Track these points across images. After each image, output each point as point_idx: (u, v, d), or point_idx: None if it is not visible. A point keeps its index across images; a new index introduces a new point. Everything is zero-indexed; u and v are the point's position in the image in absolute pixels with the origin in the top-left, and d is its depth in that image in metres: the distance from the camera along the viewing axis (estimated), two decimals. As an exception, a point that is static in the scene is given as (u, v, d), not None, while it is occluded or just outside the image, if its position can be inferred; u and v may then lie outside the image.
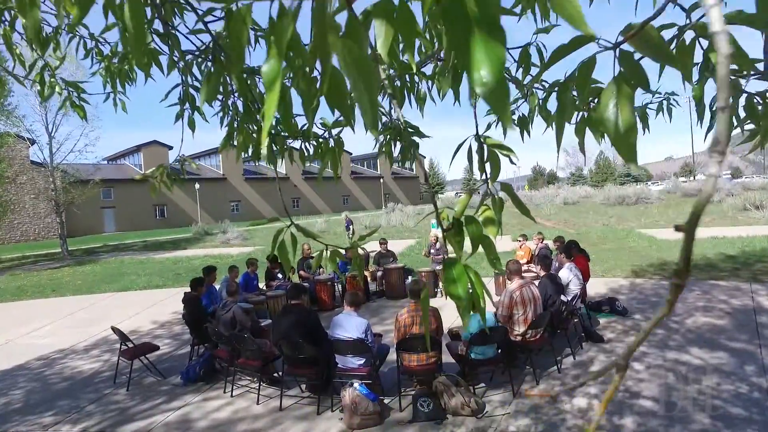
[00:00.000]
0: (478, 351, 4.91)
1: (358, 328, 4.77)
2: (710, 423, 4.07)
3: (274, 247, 1.30)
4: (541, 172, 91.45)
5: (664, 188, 38.84)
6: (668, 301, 0.53)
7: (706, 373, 5.05)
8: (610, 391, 0.55)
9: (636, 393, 4.71)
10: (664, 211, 25.17)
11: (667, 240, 15.24)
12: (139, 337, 8.27)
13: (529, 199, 37.38)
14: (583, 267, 7.01)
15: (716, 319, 6.95)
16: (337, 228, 28.47)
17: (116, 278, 15.54)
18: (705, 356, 5.54)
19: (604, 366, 5.68)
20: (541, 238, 9.37)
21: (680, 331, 6.54)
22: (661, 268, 11.03)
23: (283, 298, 8.52)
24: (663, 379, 4.99)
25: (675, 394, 4.61)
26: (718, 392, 4.59)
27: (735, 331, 6.32)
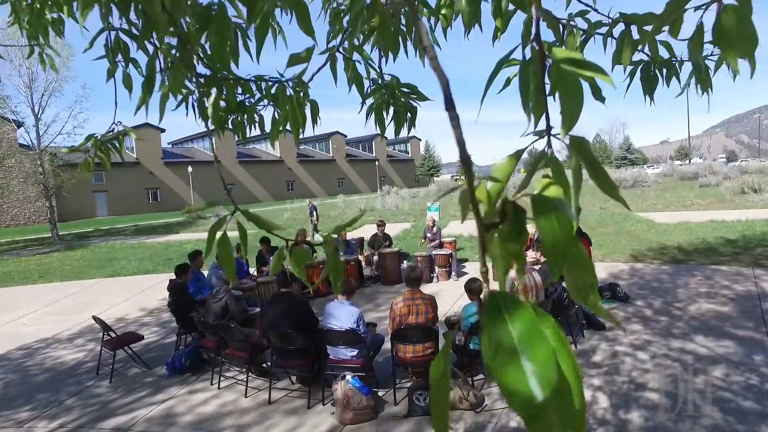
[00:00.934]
0: (477, 341, 4.66)
1: (350, 317, 4.52)
2: (721, 417, 3.87)
3: (209, 246, 1.00)
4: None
5: (661, 171, 38.72)
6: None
7: (713, 363, 4.84)
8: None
9: (642, 385, 4.50)
10: (662, 194, 24.98)
11: (666, 224, 15.04)
12: (126, 325, 8.04)
13: (525, 183, 37.18)
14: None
15: (720, 305, 6.76)
16: (331, 211, 28.17)
17: (106, 263, 15.23)
18: (711, 345, 5.33)
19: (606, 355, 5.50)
20: (540, 222, 9.11)
21: (684, 318, 6.34)
22: (660, 252, 10.83)
23: (275, 284, 8.26)
24: (669, 369, 4.78)
25: (682, 386, 4.40)
26: (727, 384, 4.38)
27: (740, 319, 6.12)
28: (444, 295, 8.62)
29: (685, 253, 10.62)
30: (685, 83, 1.86)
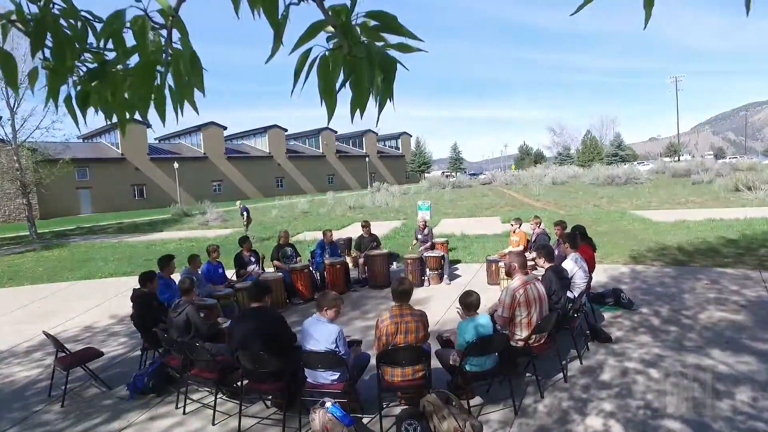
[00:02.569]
0: (476, 363, 4.14)
1: (328, 337, 3.96)
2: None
3: None
4: (528, 151, 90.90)
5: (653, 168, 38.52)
6: None
7: (736, 383, 4.36)
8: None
9: (659, 412, 3.99)
10: (655, 191, 24.67)
11: (664, 222, 14.64)
12: (93, 335, 7.45)
13: (516, 179, 36.80)
14: (588, 257, 6.27)
15: (732, 313, 6.29)
16: (320, 209, 27.55)
17: (82, 264, 14.52)
18: (730, 361, 4.85)
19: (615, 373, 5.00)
20: (538, 222, 8.61)
21: (695, 328, 5.86)
22: (661, 254, 10.40)
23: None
24: (688, 391, 4.28)
25: (706, 413, 3.90)
26: (757, 410, 3.89)
27: (757, 329, 5.65)
28: (436, 300, 8.10)
29: (687, 254, 10.19)
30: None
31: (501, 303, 4.57)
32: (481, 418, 4.12)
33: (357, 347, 4.58)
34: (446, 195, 29.36)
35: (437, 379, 4.54)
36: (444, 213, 22.49)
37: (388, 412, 4.33)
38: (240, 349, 4.08)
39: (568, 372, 4.87)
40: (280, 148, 60.94)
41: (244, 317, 4.18)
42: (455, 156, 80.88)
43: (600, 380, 4.68)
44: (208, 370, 4.49)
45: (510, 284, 4.61)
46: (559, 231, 7.68)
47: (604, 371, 4.88)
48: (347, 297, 8.71)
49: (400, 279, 4.13)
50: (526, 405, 4.30)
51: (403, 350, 3.92)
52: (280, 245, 9.05)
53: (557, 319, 4.71)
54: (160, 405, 4.81)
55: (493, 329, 4.29)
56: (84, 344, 7.02)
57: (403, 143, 78.96)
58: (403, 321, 3.96)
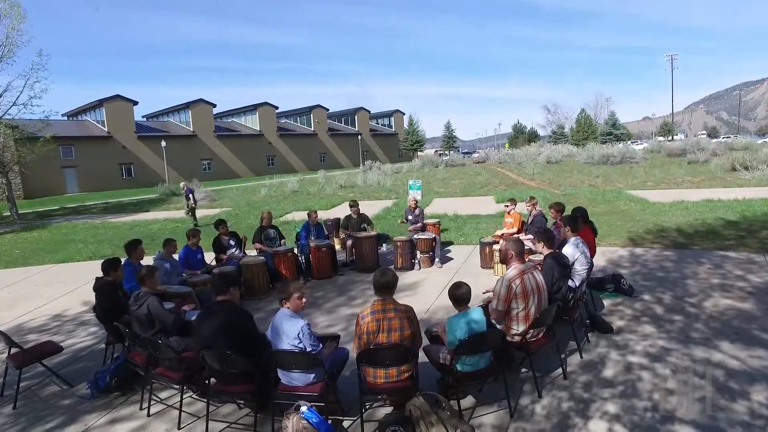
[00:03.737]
0: (468, 362, 3.74)
1: (292, 332, 3.54)
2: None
3: None
4: (522, 130, 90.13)
5: (648, 147, 38.14)
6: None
7: (751, 381, 4.00)
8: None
9: (669, 415, 3.63)
10: (650, 171, 24.32)
11: (661, 203, 14.29)
12: (61, 324, 7.02)
13: (510, 158, 36.29)
14: (589, 241, 5.86)
15: (739, 301, 5.94)
16: (311, 188, 26.98)
17: (61, 246, 13.99)
18: (742, 355, 4.49)
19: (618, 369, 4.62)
20: (534, 203, 8.17)
21: (701, 317, 5.51)
22: (659, 236, 10.04)
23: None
24: (699, 391, 3.92)
25: (720, 416, 3.54)
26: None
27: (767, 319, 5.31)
28: (427, 285, 7.71)
29: (686, 236, 9.84)
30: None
31: (496, 294, 4.15)
32: (473, 422, 3.74)
33: (332, 342, 4.16)
34: (439, 174, 28.87)
35: (426, 376, 4.16)
36: (436, 192, 22.04)
37: (371, 415, 3.95)
38: (205, 347, 3.64)
39: (568, 367, 4.50)
40: (270, 126, 59.87)
41: (209, 312, 3.73)
42: (448, 134, 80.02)
43: (602, 377, 4.31)
44: (173, 369, 4.06)
45: (506, 273, 4.19)
46: (555, 213, 7.26)
47: (606, 366, 4.51)
48: (333, 282, 8.31)
49: (383, 270, 3.69)
50: (523, 406, 3.93)
51: (386, 350, 3.51)
52: (262, 227, 8.58)
53: (557, 311, 4.31)
54: (124, 405, 4.40)
55: (488, 324, 3.88)
56: (50, 334, 6.60)
57: (396, 121, 77.91)
58: (385, 318, 3.53)
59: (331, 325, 6.21)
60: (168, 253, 6.78)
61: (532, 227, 7.84)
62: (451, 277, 7.99)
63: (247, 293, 7.61)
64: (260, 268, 7.65)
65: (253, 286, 7.59)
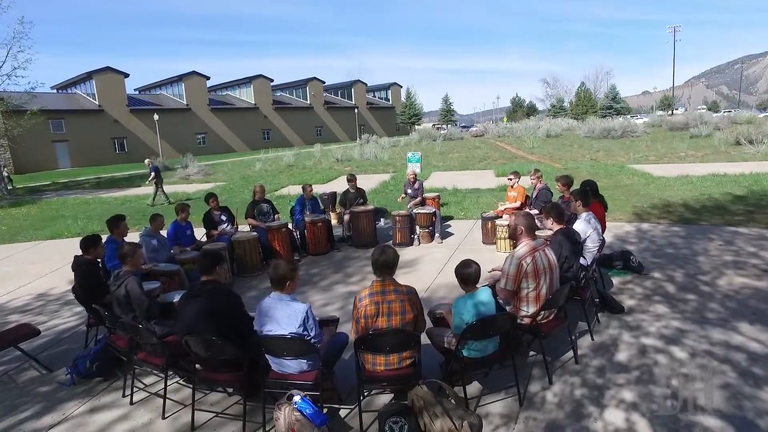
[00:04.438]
0: (475, 348, 3.45)
1: (293, 319, 3.22)
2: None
3: None
4: (520, 103, 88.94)
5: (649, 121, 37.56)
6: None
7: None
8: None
9: (690, 403, 3.36)
10: (652, 145, 23.92)
11: (665, 177, 13.96)
12: (45, 304, 6.72)
13: (510, 131, 35.71)
14: (599, 216, 5.54)
15: (755, 279, 5.67)
16: (307, 162, 26.49)
17: (50, 222, 13.61)
18: (763, 338, 4.23)
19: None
20: (539, 176, 7.82)
21: (716, 297, 5.23)
22: (666, 210, 9.74)
23: (224, 251, 6.90)
24: (720, 377, 3.66)
25: (746, 405, 3.28)
26: (807, 403, 3.28)
27: (787, 298, 5.04)
28: (427, 261, 7.41)
29: (693, 211, 9.55)
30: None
31: (504, 273, 3.84)
32: (479, 411, 3.48)
33: (332, 326, 3.86)
34: (437, 147, 28.34)
35: (428, 359, 3.88)
36: (435, 166, 21.62)
37: (370, 403, 3.68)
38: (189, 332, 3.34)
39: (579, 350, 4.23)
40: (266, 99, 58.77)
41: (192, 294, 3.40)
42: (446, 108, 78.88)
43: (616, 361, 4.04)
44: (156, 354, 3.77)
45: (515, 251, 3.87)
46: (562, 187, 6.93)
47: (619, 349, 4.24)
48: (330, 258, 8.01)
49: (382, 248, 3.34)
50: (533, 393, 3.66)
51: (386, 335, 3.21)
52: (255, 201, 8.21)
53: (570, 291, 4.02)
54: (106, 392, 4.12)
55: (496, 306, 3.57)
56: (33, 315, 6.31)
57: (393, 94, 76.65)
58: (385, 300, 3.22)
59: (327, 303, 5.94)
60: (155, 228, 6.44)
61: (537, 202, 7.51)
62: (452, 253, 7.70)
63: (239, 270, 7.32)
64: (253, 244, 7.32)
65: (245, 263, 7.28)
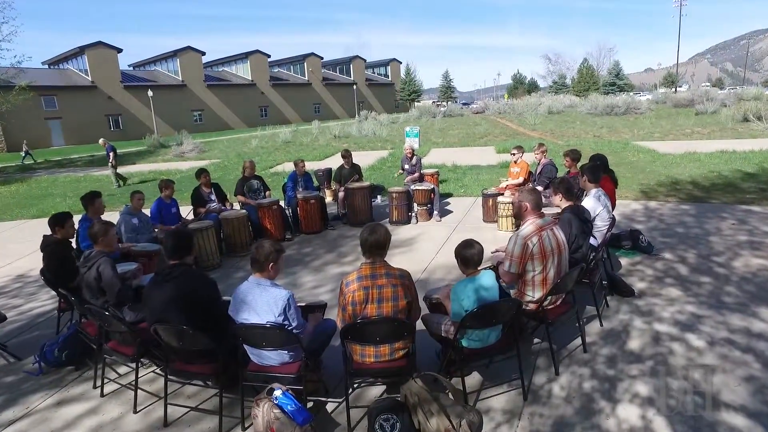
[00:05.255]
0: (476, 337, 3.12)
1: (272, 307, 2.88)
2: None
3: None
4: (521, 80, 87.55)
5: (653, 98, 36.90)
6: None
7: (805, 357, 3.42)
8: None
9: (712, 398, 3.05)
10: (657, 122, 23.39)
11: (671, 154, 13.52)
12: (23, 286, 6.43)
13: (510, 108, 35.11)
14: (609, 193, 5.17)
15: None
16: (304, 138, 25.97)
17: (37, 201, 13.24)
18: (787, 323, 3.91)
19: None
20: (544, 150, 7.41)
21: (732, 279, 4.90)
22: (673, 188, 9.36)
23: (211, 230, 6.56)
24: (743, 368, 3.34)
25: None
26: (843, 398, 2.96)
27: (809, 280, 4.71)
28: (424, 240, 7.07)
29: (703, 189, 9.16)
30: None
31: (508, 255, 3.49)
32: (480, 405, 3.17)
33: (318, 313, 3.53)
34: (437, 124, 27.80)
35: (425, 348, 3.57)
36: (434, 143, 21.14)
37: (360, 396, 3.37)
38: (157, 321, 3.00)
39: (587, 337, 3.91)
40: (263, 76, 57.73)
41: (161, 278, 3.05)
42: (446, 84, 77.69)
43: (627, 350, 3.72)
44: (126, 343, 3.44)
45: (520, 230, 3.51)
46: (569, 162, 6.54)
47: (630, 336, 3.92)
48: (323, 237, 7.67)
49: (372, 226, 2.98)
50: (538, 386, 3.35)
51: (376, 324, 2.87)
52: (245, 177, 7.81)
53: (580, 274, 3.67)
54: (76, 383, 3.81)
55: (500, 292, 3.23)
56: (9, 297, 6.00)
57: (392, 70, 75.35)
58: (375, 285, 2.87)
59: (318, 285, 5.61)
60: (136, 206, 6.07)
61: (541, 178, 7.13)
62: (451, 231, 7.35)
63: (227, 250, 6.98)
64: (242, 223, 6.97)
65: (234, 243, 6.93)
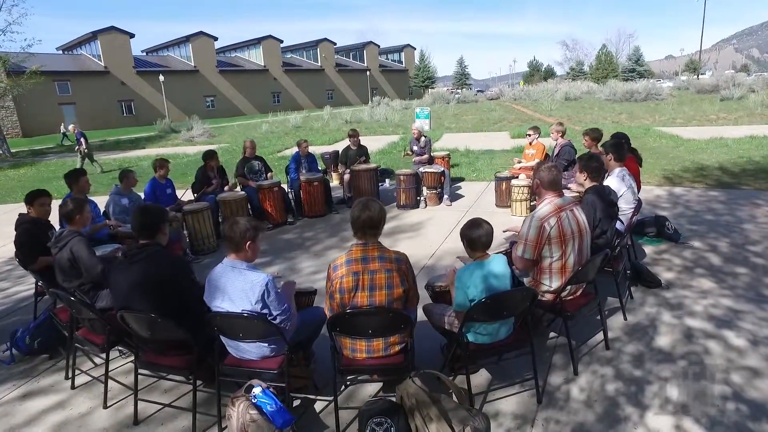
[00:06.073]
0: (484, 330, 2.73)
1: (248, 293, 2.51)
2: None
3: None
4: (538, 67, 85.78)
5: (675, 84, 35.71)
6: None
7: None
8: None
9: (761, 408, 2.63)
10: (679, 108, 22.48)
11: (696, 140, 12.87)
12: (13, 269, 6.19)
13: (526, 94, 34.22)
14: (633, 173, 4.71)
15: (816, 249, 4.84)
16: (315, 123, 25.56)
17: (42, 184, 13.05)
18: (839, 320, 3.45)
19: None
20: (562, 130, 6.92)
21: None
22: (700, 174, 8.80)
23: (207, 212, 6.23)
24: (794, 371, 2.91)
25: (835, 412, 2.54)
26: None
27: None
28: (433, 225, 6.68)
29: (732, 175, 8.59)
30: None
31: (522, 238, 3.07)
32: (487, 408, 2.79)
33: (308, 298, 3.15)
34: (450, 109, 27.16)
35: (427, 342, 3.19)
36: (447, 128, 20.58)
37: (352, 394, 3.01)
38: (123, 307, 2.66)
39: (609, 332, 3.49)
40: (275, 61, 57.24)
41: (126, 261, 2.70)
42: (461, 71, 76.42)
43: (656, 347, 3.30)
44: (96, 332, 3.12)
45: (536, 211, 3.08)
46: (589, 142, 6.07)
47: (659, 332, 3.50)
48: (326, 221, 7.31)
49: (365, 202, 2.57)
50: (554, 387, 2.95)
51: (367, 315, 2.49)
52: (245, 158, 7.46)
53: (603, 261, 3.25)
54: (48, 373, 3.52)
55: (513, 280, 2.83)
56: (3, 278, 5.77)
57: (406, 57, 74.28)
58: (367, 270, 2.48)
59: (317, 271, 5.26)
60: (126, 186, 5.75)
61: (559, 160, 6.66)
62: (462, 216, 6.94)
63: (225, 234, 6.66)
64: (240, 205, 6.63)
65: (232, 226, 6.60)
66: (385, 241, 2.63)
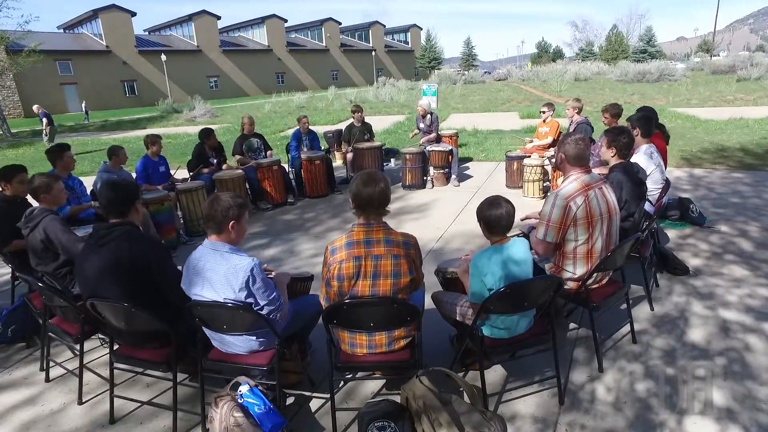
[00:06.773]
0: (501, 324, 2.40)
1: (231, 279, 2.18)
2: None
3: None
4: (546, 48, 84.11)
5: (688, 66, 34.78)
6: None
7: None
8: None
9: (817, 411, 2.31)
10: (694, 88, 21.81)
11: (714, 120, 12.37)
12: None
13: (534, 75, 33.44)
14: (661, 151, 4.33)
15: None
16: (319, 103, 25.07)
17: (39, 163, 12.78)
18: None
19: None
20: (578, 107, 6.51)
21: (809, 255, 4.07)
22: (720, 155, 8.38)
23: (202, 191, 5.91)
24: None
25: None
26: None
27: None
28: (440, 206, 6.34)
29: (755, 156, 8.17)
30: None
31: (544, 218, 2.73)
32: (502, 409, 2.49)
33: (304, 284, 2.83)
34: (457, 90, 26.53)
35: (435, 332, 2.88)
36: (454, 108, 20.07)
37: (352, 392, 2.71)
38: (92, 295, 2.35)
39: (635, 324, 3.16)
40: (279, 41, 56.34)
41: (94, 243, 2.38)
42: (468, 52, 75.03)
43: (689, 342, 2.98)
44: (69, 320, 2.82)
45: (560, 188, 2.73)
46: (609, 119, 5.68)
47: (690, 325, 3.17)
48: (328, 201, 6.98)
49: (366, 175, 2.22)
50: (577, 386, 2.64)
51: (369, 305, 2.17)
52: (244, 135, 7.11)
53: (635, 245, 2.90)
54: (23, 364, 3.24)
55: (534, 267, 2.49)
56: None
57: (412, 37, 72.97)
58: (370, 255, 2.15)
59: (317, 254, 4.94)
60: (116, 163, 5.43)
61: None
62: (471, 196, 6.59)
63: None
64: (238, 184, 6.30)
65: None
66: (389, 223, 2.30)
